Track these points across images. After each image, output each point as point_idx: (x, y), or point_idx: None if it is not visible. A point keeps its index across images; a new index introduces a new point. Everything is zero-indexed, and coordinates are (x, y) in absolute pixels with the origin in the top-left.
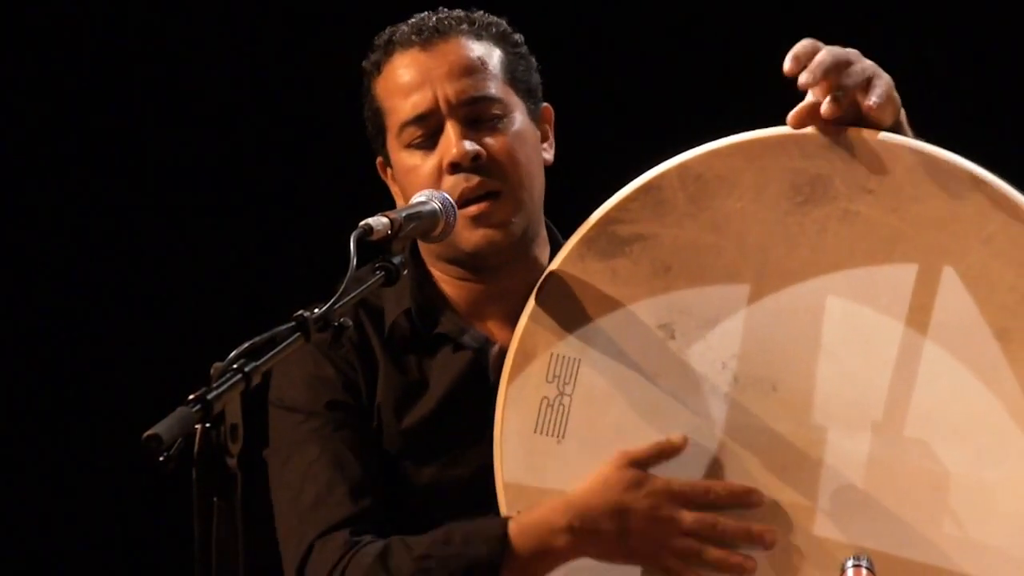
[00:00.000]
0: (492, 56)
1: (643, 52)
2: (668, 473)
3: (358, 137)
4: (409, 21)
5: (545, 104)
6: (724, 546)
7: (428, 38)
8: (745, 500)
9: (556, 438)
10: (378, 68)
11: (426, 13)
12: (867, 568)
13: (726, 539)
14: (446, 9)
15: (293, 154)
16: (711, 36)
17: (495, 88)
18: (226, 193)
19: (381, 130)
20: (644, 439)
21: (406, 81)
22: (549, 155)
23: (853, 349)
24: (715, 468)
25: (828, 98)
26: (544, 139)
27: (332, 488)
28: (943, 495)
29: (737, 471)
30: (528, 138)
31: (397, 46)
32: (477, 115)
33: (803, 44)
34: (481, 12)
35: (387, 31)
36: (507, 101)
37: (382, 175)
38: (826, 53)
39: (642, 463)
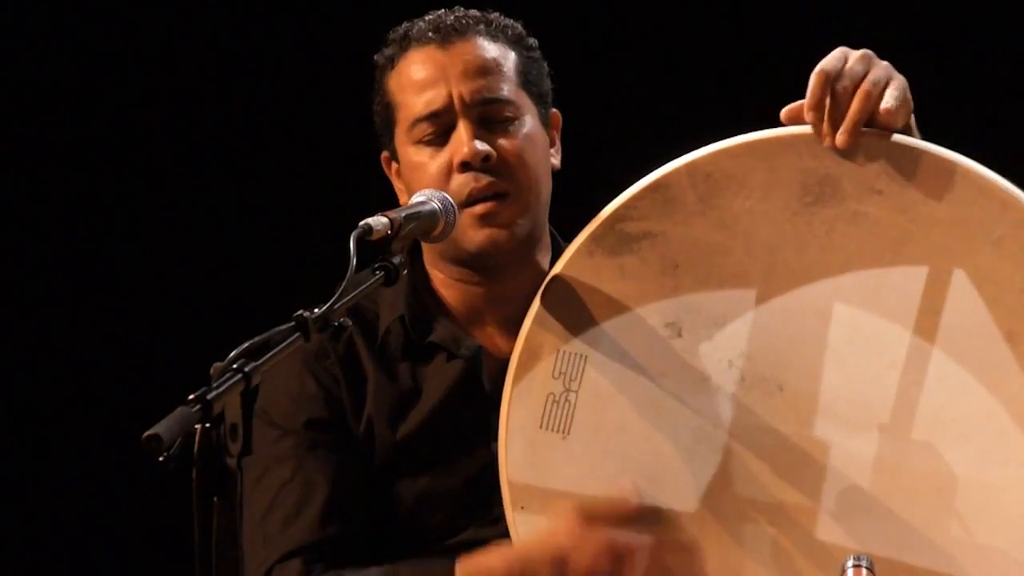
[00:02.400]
0: (507, 58)
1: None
2: (672, 473)
3: (359, 136)
4: (425, 18)
5: (554, 110)
6: None
7: (446, 36)
8: (689, 557)
9: (561, 434)
10: (392, 63)
11: (443, 11)
12: (867, 568)
13: None
14: (462, 8)
15: (294, 154)
16: (717, 37)
17: (509, 90)
18: (226, 192)
19: (390, 125)
20: (647, 439)
21: (421, 77)
22: (556, 160)
23: (860, 351)
24: (719, 469)
25: (843, 128)
26: (552, 144)
27: (299, 512)
28: (949, 498)
29: (741, 472)
30: (538, 142)
31: (413, 42)
32: (490, 116)
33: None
34: (497, 14)
35: (403, 26)
36: (520, 104)
37: (386, 170)
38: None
39: (593, 516)
